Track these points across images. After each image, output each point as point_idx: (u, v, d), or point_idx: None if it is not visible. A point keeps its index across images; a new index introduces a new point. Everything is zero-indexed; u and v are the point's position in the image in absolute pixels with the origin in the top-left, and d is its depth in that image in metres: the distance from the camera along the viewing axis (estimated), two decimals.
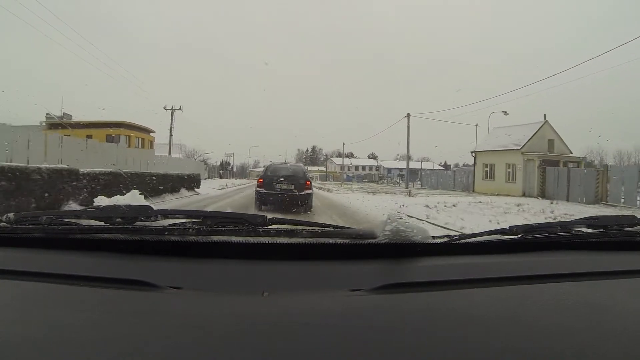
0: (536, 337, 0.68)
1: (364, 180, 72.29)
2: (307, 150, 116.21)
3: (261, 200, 10.85)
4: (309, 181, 11.26)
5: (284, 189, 10.72)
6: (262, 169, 14.27)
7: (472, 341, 0.67)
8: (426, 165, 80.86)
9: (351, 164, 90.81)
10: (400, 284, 0.89)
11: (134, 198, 2.51)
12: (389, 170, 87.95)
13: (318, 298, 0.83)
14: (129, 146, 36.46)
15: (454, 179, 38.98)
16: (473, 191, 32.04)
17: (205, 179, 42.13)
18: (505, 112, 33.19)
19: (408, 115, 36.90)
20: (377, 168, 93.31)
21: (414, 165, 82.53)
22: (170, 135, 40.47)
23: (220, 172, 64.13)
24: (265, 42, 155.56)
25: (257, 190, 11.10)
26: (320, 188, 29.80)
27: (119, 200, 1.96)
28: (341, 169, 70.71)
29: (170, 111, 39.66)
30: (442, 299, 0.85)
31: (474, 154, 34.10)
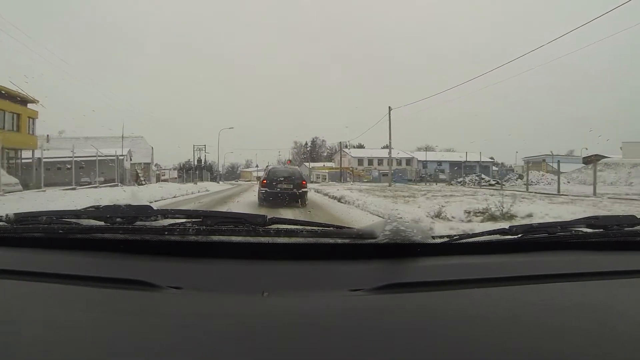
0: (536, 337, 0.68)
1: (408, 181, 45.90)
2: (306, 143, 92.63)
3: (265, 197, 12.77)
4: (305, 181, 13.62)
5: (285, 188, 12.78)
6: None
7: (472, 341, 0.67)
8: (445, 157, 62.00)
9: (371, 156, 66.45)
10: (400, 284, 0.89)
11: (134, 198, 2.52)
12: (424, 164, 62.20)
13: (318, 298, 0.83)
14: None
15: None
16: None
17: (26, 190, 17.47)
18: None
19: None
20: (409, 162, 65.48)
21: (449, 157, 59.69)
22: None
23: (139, 172, 38.64)
24: (258, 40, 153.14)
25: (260, 190, 13.14)
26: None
27: (119, 200, 1.97)
28: (389, 163, 38.95)
29: None
30: (442, 299, 0.85)
31: None
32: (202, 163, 63.84)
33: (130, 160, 41.94)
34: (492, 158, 59.68)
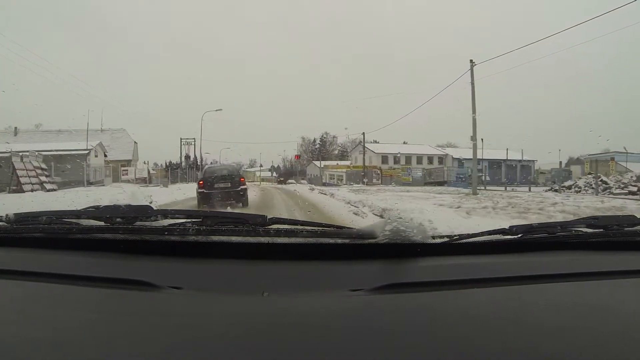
0: (536, 337, 0.68)
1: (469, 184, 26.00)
2: (314, 140, 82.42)
3: (204, 198, 11.86)
4: (243, 178, 13.18)
5: (222, 187, 12.06)
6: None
7: (472, 341, 0.67)
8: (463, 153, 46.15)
9: (399, 153, 53.24)
10: (401, 284, 0.89)
11: (134, 198, 2.52)
12: (459, 162, 47.38)
13: (318, 298, 0.83)
14: None
15: None
16: None
17: None
18: None
19: None
20: (441, 160, 53.83)
21: (486, 155, 41.34)
22: None
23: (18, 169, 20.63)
24: (260, 39, 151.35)
25: (198, 191, 12.21)
26: None
27: (119, 200, 1.97)
28: (473, 156, 21.14)
29: None
30: (442, 299, 0.85)
31: None
32: (190, 159, 49.70)
33: (105, 156, 35.37)
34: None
